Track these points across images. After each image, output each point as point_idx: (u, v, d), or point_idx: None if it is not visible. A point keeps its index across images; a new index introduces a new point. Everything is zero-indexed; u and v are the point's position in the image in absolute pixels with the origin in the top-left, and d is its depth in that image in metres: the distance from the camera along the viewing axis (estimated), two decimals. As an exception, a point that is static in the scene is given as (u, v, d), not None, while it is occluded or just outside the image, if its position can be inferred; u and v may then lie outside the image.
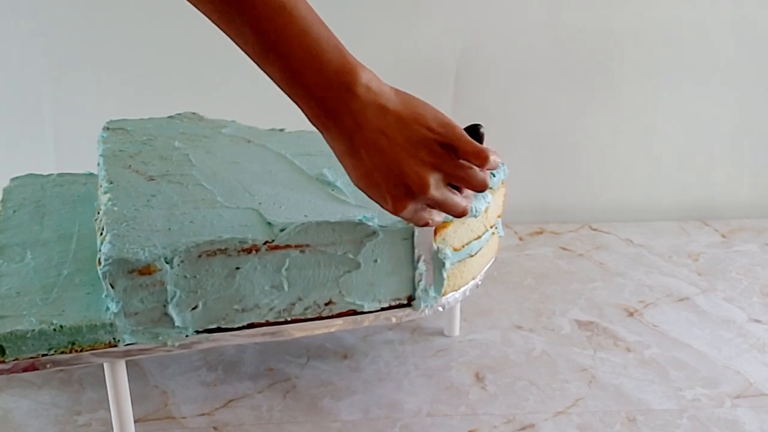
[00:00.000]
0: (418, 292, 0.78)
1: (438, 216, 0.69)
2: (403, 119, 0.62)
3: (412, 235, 0.76)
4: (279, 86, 0.62)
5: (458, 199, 0.67)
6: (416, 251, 0.76)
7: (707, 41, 1.20)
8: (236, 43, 0.61)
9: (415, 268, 0.77)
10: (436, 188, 0.64)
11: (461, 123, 0.66)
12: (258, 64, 0.61)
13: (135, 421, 0.76)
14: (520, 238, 1.19)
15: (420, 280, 0.77)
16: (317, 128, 0.63)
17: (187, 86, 1.15)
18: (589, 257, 1.13)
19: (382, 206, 0.65)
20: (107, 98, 1.15)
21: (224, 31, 0.61)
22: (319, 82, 0.60)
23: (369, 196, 0.65)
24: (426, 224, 0.68)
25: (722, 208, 1.29)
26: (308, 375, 0.87)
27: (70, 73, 1.13)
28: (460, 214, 0.67)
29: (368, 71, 0.62)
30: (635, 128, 1.25)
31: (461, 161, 0.65)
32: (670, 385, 0.87)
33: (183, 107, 1.00)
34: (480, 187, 0.66)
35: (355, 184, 0.65)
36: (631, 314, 1.00)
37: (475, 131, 0.66)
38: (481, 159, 0.64)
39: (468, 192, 0.68)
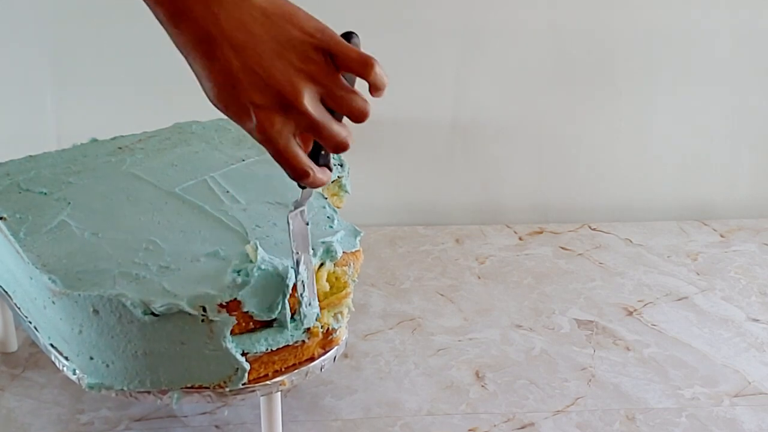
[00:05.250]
0: (303, 308, 0.66)
1: (322, 174, 0.57)
2: (269, 15, 0.53)
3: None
4: None
5: (337, 126, 0.55)
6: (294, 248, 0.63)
7: (705, 42, 1.21)
8: None
9: (296, 273, 0.64)
10: (312, 103, 0.54)
11: (463, 124, 0.64)
12: None
13: (136, 420, 0.77)
14: (520, 238, 1.19)
15: (303, 292, 0.65)
16: (170, 34, 0.54)
17: (188, 86, 1.15)
18: (588, 257, 1.14)
19: (243, 125, 0.55)
20: (110, 100, 1.15)
21: None
22: None
23: (229, 115, 0.54)
24: (303, 172, 0.56)
25: (721, 207, 1.29)
26: (309, 374, 0.87)
27: (72, 76, 1.13)
28: (338, 146, 0.56)
29: None
30: (634, 128, 1.25)
31: (342, 80, 0.55)
32: (669, 383, 0.87)
33: (184, 106, 0.99)
34: (360, 116, 0.55)
35: (213, 101, 0.55)
36: (630, 313, 1.00)
37: (347, 40, 0.57)
38: (367, 67, 0.54)
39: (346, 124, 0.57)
